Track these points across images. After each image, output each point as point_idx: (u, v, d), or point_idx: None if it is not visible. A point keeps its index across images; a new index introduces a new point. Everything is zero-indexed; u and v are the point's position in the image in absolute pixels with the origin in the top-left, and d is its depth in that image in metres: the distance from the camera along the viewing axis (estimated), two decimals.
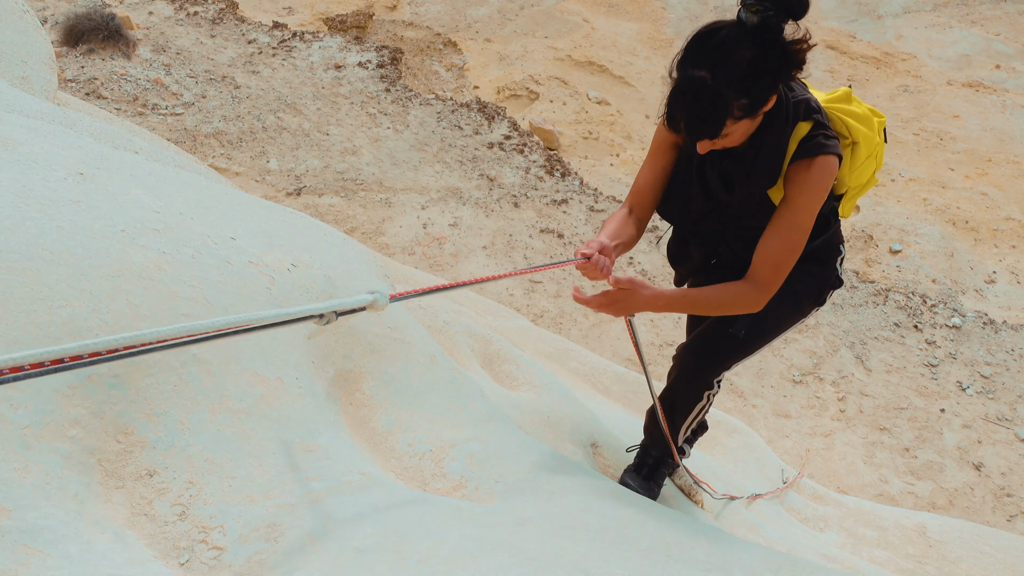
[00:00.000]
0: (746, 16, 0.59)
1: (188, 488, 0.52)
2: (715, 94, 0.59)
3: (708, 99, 0.59)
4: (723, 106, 0.59)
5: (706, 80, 0.59)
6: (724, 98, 0.59)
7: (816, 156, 0.65)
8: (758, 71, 0.59)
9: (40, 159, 0.67)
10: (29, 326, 0.51)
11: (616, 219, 0.73)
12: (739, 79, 0.59)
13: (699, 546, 0.56)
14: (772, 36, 0.59)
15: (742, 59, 0.58)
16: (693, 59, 0.60)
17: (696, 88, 0.59)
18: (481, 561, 0.48)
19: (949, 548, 1.39)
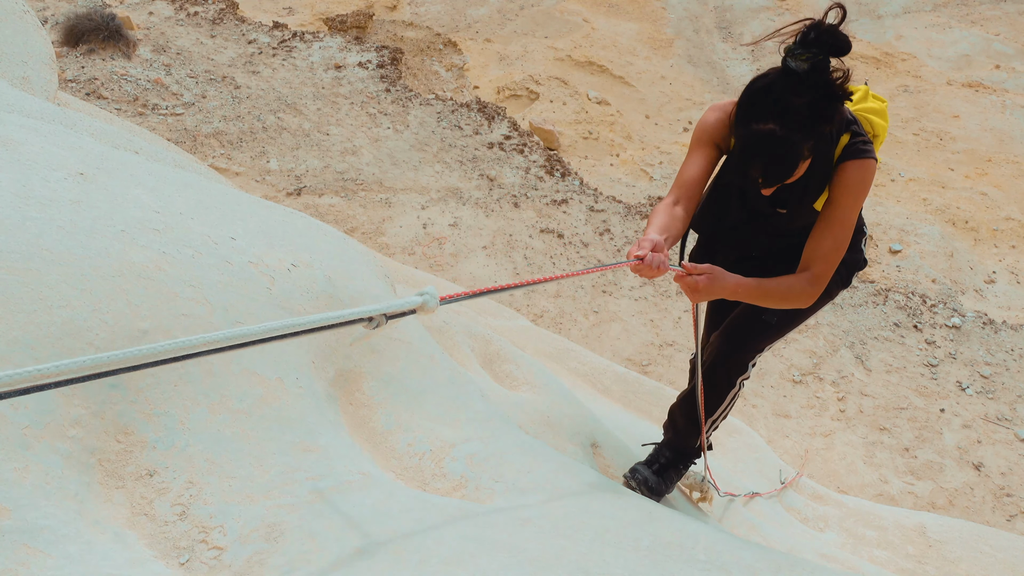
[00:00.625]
0: (796, 65, 0.63)
1: (188, 488, 0.52)
2: (787, 143, 0.63)
3: (781, 149, 0.64)
4: (795, 153, 0.64)
5: (775, 132, 0.63)
6: (795, 145, 0.64)
7: (858, 160, 0.70)
8: (818, 113, 0.64)
9: (40, 159, 0.67)
10: (29, 326, 0.51)
11: (663, 212, 0.74)
12: (803, 125, 0.63)
13: (699, 546, 0.56)
14: (823, 77, 0.63)
15: (802, 106, 0.63)
16: (756, 114, 0.64)
17: (768, 141, 0.64)
18: (481, 561, 0.48)
19: (949, 548, 1.39)
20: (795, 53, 0.63)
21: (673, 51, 5.98)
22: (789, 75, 0.64)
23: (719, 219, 0.81)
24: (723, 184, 0.80)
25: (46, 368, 0.28)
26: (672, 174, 4.57)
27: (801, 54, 0.62)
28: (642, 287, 3.18)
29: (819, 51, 0.62)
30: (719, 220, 0.81)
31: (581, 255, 3.29)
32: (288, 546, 0.50)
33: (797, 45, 0.63)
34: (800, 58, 0.63)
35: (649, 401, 1.70)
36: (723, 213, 0.80)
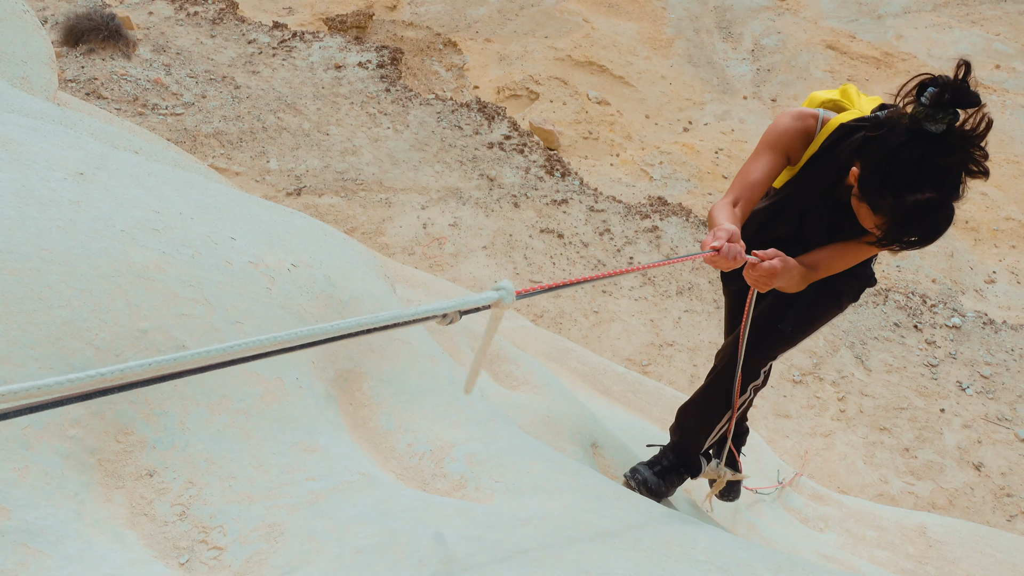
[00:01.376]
0: (935, 127, 0.62)
1: (188, 488, 0.52)
2: (946, 208, 0.63)
3: (942, 215, 0.64)
4: (952, 213, 0.64)
5: (934, 200, 0.63)
6: (951, 207, 0.64)
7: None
8: (967, 169, 0.63)
9: (40, 159, 0.67)
10: (29, 326, 0.51)
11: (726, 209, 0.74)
12: (957, 184, 0.63)
13: (699, 546, 0.56)
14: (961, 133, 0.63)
15: (953, 167, 0.62)
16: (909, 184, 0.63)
17: (931, 210, 0.63)
18: (481, 561, 0.48)
19: (949, 548, 1.39)
20: (935, 117, 0.62)
21: (673, 51, 5.98)
22: (932, 139, 0.62)
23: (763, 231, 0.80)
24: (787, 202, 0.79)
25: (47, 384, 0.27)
26: (672, 174, 4.57)
27: (942, 117, 0.62)
28: (642, 287, 3.18)
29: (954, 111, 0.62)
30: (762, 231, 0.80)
31: (581, 255, 3.29)
32: (288, 546, 0.50)
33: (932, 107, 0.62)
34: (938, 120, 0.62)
35: (649, 401, 1.70)
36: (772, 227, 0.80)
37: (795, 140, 0.76)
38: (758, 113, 5.53)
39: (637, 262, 3.39)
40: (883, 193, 0.65)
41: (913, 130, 0.63)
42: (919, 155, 0.63)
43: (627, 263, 3.35)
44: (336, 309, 0.75)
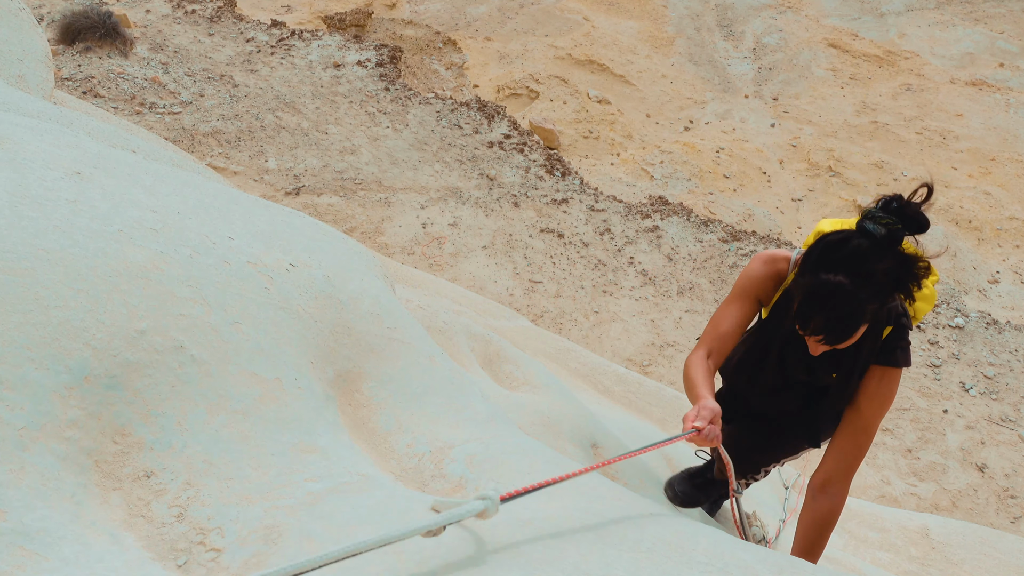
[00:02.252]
0: (874, 228, 0.61)
1: (186, 489, 0.51)
2: (854, 300, 0.60)
3: (847, 304, 0.60)
4: (861, 312, 0.61)
5: (845, 286, 0.60)
6: (861, 304, 0.60)
7: (888, 367, 0.69)
8: (893, 281, 0.61)
9: (36, 158, 0.67)
10: (25, 326, 0.51)
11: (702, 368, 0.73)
12: (877, 288, 0.60)
13: (700, 547, 0.56)
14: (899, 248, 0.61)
15: (879, 269, 0.60)
16: (828, 265, 0.61)
17: (836, 294, 0.60)
18: (481, 562, 0.47)
19: (952, 550, 1.39)
20: (875, 216, 0.61)
21: (674, 49, 5.96)
22: (867, 236, 0.61)
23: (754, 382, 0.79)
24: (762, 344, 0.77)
25: None
26: (673, 173, 4.55)
27: (882, 218, 0.61)
28: (643, 287, 3.17)
29: (899, 220, 0.61)
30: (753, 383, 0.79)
31: (581, 255, 3.28)
32: (287, 548, 0.49)
33: (879, 209, 0.61)
34: (880, 222, 0.61)
35: (650, 401, 1.70)
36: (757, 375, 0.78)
37: (766, 285, 0.74)
38: (759, 112, 5.51)
39: (637, 262, 3.37)
40: (804, 272, 0.63)
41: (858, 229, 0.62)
42: (849, 242, 0.62)
43: (627, 262, 3.34)
44: (335, 309, 0.75)
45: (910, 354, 0.71)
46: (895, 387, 0.71)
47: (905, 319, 0.71)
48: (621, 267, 3.28)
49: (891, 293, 0.62)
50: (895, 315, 0.70)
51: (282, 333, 0.66)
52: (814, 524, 0.73)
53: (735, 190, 4.59)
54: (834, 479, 0.72)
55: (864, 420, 0.71)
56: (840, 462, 0.72)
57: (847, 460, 0.71)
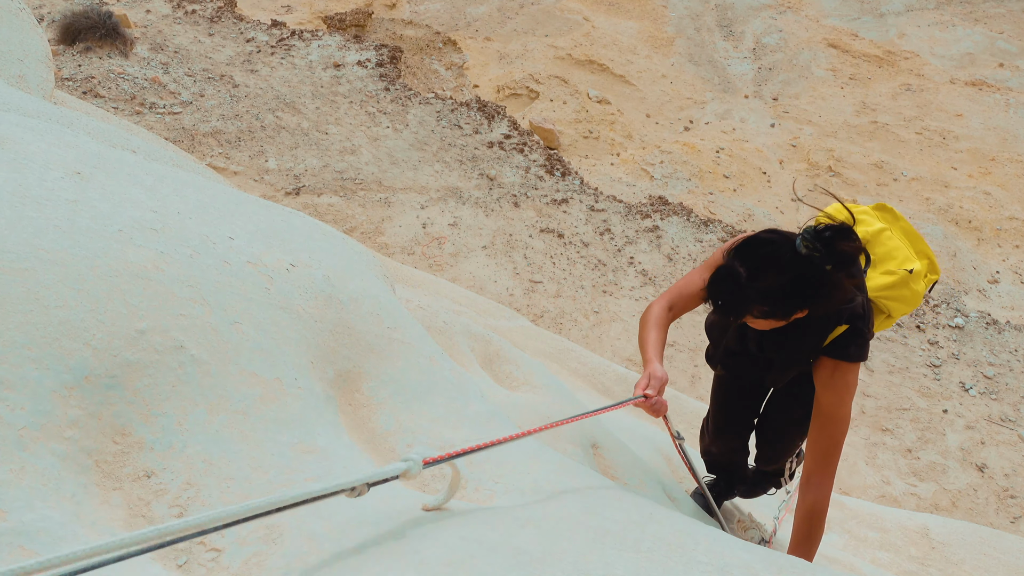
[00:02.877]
0: (799, 244, 0.67)
1: (186, 489, 0.52)
2: (741, 292, 0.68)
3: (734, 293, 0.68)
4: (745, 305, 0.69)
5: (740, 276, 0.68)
6: (747, 299, 0.68)
7: (840, 361, 0.73)
8: (784, 294, 0.67)
9: (37, 158, 0.67)
10: (26, 326, 0.51)
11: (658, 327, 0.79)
12: (764, 294, 0.67)
13: (700, 547, 0.56)
14: (812, 271, 0.67)
15: (775, 280, 0.67)
16: (742, 255, 0.69)
17: (730, 280, 0.68)
18: (481, 562, 0.47)
19: (952, 550, 1.39)
20: (806, 238, 0.66)
21: (674, 50, 5.96)
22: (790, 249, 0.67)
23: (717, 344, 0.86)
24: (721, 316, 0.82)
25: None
26: (673, 173, 4.55)
27: (808, 242, 0.66)
28: (643, 287, 3.17)
29: (822, 249, 0.65)
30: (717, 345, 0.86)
31: (581, 255, 3.28)
32: (287, 548, 0.49)
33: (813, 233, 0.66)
34: (805, 243, 0.66)
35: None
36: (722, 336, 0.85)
37: None
38: (759, 112, 5.52)
39: (637, 262, 3.37)
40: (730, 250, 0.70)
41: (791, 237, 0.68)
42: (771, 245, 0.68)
43: (627, 262, 3.34)
44: (335, 309, 0.75)
45: (866, 351, 0.75)
46: (851, 379, 0.74)
47: (862, 322, 0.74)
48: (621, 267, 3.28)
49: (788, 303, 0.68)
50: (849, 315, 0.73)
51: (282, 333, 0.66)
52: (805, 517, 0.78)
53: (735, 190, 4.59)
54: (814, 471, 0.77)
55: (825, 411, 0.75)
56: (816, 455, 0.77)
57: (822, 452, 0.76)
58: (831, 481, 0.77)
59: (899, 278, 0.79)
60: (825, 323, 0.73)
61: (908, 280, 0.80)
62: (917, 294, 0.81)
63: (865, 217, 0.83)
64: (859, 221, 0.82)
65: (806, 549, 0.79)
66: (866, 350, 0.75)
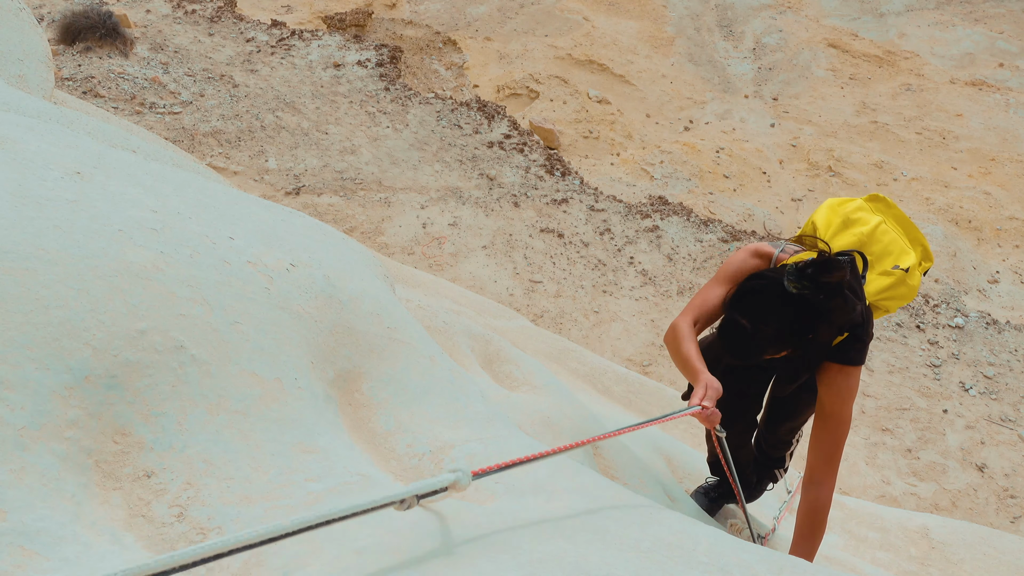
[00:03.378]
0: (787, 286, 0.74)
1: (186, 489, 0.52)
2: (751, 341, 0.75)
3: (745, 344, 0.76)
4: (758, 349, 0.76)
5: (746, 328, 0.76)
6: (760, 344, 0.75)
7: (843, 365, 0.80)
8: (792, 329, 0.74)
9: (37, 158, 0.67)
10: (26, 326, 0.51)
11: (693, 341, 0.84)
12: (772, 340, 0.75)
13: (700, 547, 0.56)
14: (808, 306, 0.74)
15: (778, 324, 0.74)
16: (741, 309, 0.77)
17: (738, 332, 0.76)
18: (481, 562, 0.48)
19: (952, 550, 1.39)
20: (791, 279, 0.73)
21: (674, 49, 5.96)
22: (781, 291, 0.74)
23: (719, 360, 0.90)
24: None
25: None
26: (673, 173, 4.55)
27: (795, 283, 0.73)
28: (643, 287, 3.17)
29: (811, 287, 0.72)
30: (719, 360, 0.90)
31: (581, 255, 3.28)
32: (286, 548, 0.49)
33: (797, 271, 0.73)
34: (793, 284, 0.73)
35: (650, 402, 1.70)
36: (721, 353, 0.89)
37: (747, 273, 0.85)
38: (759, 112, 5.52)
39: (637, 262, 3.37)
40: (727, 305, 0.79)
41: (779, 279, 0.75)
42: (763, 292, 0.75)
43: (627, 262, 3.34)
44: (335, 309, 0.75)
45: (864, 354, 0.82)
46: (853, 381, 0.81)
47: (862, 329, 0.80)
48: (621, 267, 3.28)
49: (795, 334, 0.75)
50: (849, 325, 0.79)
51: (282, 333, 0.66)
52: (807, 514, 0.83)
53: (735, 190, 4.59)
54: (817, 469, 0.83)
55: (828, 412, 0.81)
56: (819, 453, 0.82)
57: (824, 450, 0.82)
58: (834, 479, 0.81)
59: (896, 279, 0.84)
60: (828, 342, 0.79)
61: (904, 279, 0.84)
62: (913, 288, 0.85)
63: (861, 215, 0.86)
64: (855, 220, 0.85)
65: (809, 546, 0.82)
66: (865, 353, 0.81)
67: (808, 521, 0.82)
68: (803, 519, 0.83)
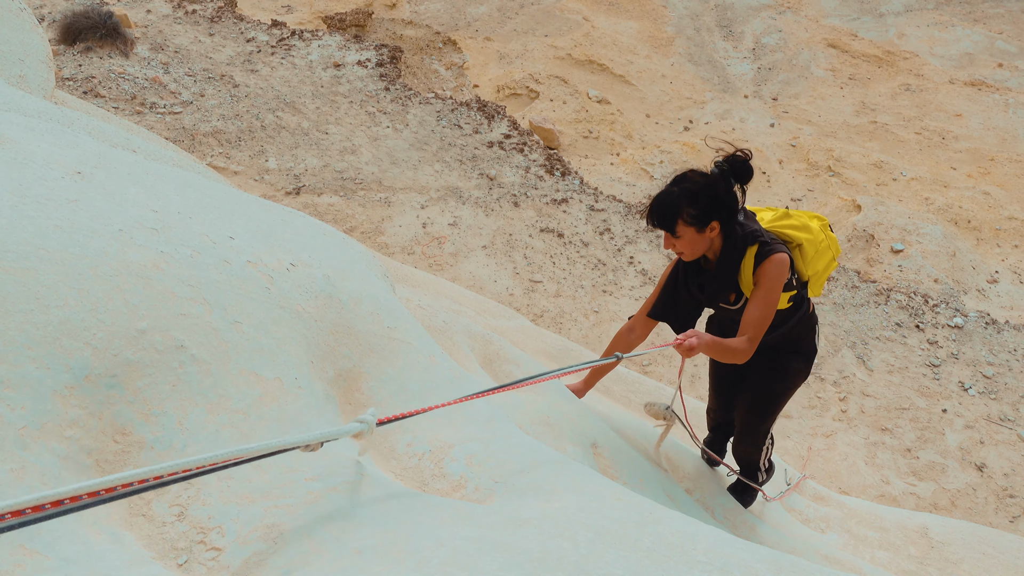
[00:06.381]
0: (713, 169, 1.01)
1: (186, 489, 0.52)
2: (674, 199, 0.99)
3: (667, 202, 0.99)
4: (676, 208, 0.99)
5: (671, 190, 1.00)
6: (678, 204, 0.99)
7: (768, 256, 1.02)
8: (703, 196, 0.99)
9: (37, 158, 0.67)
10: (26, 325, 0.51)
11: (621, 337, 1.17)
12: (688, 194, 0.99)
13: (700, 547, 0.56)
14: (720, 182, 1.00)
15: (694, 183, 1.00)
16: (672, 182, 1.01)
17: (663, 194, 1.01)
18: (481, 562, 0.48)
19: (951, 549, 1.39)
20: (717, 163, 1.00)
21: (674, 49, 5.97)
22: (706, 172, 1.00)
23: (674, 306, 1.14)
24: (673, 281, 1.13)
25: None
26: (673, 173, 4.54)
27: (717, 164, 1.00)
28: (643, 287, 3.18)
29: (726, 167, 1.00)
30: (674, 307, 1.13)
31: (581, 254, 3.29)
32: (286, 547, 0.49)
33: (721, 160, 1.00)
34: (715, 164, 1.00)
35: (649, 401, 1.70)
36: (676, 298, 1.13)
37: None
38: (759, 112, 5.52)
39: (637, 261, 3.38)
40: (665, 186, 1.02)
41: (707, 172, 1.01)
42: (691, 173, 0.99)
43: (627, 262, 3.35)
44: (335, 309, 0.75)
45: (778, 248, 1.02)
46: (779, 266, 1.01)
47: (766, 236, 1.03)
48: (621, 267, 3.29)
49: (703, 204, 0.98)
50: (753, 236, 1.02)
51: (282, 333, 0.66)
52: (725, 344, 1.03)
53: None
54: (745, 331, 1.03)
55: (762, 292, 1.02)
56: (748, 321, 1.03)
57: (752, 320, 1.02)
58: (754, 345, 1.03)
59: (781, 211, 1.08)
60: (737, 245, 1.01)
61: (788, 213, 1.08)
62: (810, 228, 1.07)
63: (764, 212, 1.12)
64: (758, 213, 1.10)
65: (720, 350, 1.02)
66: (782, 247, 1.02)
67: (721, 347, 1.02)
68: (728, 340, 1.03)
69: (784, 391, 1.17)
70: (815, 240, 1.07)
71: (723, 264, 1.02)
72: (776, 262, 1.00)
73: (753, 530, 1.18)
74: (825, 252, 1.08)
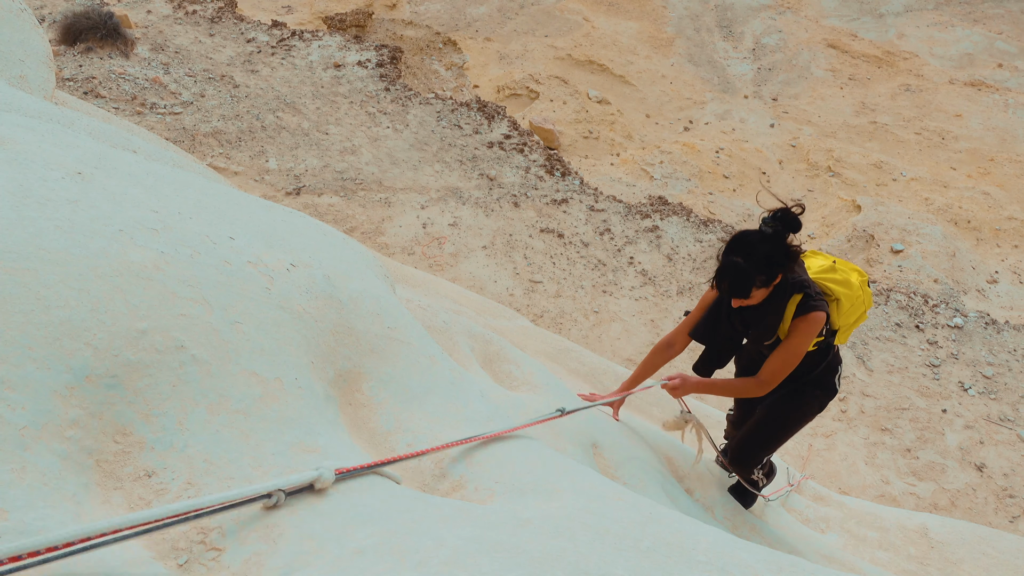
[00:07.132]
0: (764, 228, 1.03)
1: (187, 489, 0.52)
2: (745, 272, 1.03)
3: (741, 274, 1.03)
4: (750, 279, 1.03)
5: (740, 264, 1.03)
6: (750, 275, 1.03)
7: (807, 313, 1.08)
8: (770, 260, 1.03)
9: (38, 158, 0.67)
10: (27, 326, 0.51)
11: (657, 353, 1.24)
12: (758, 263, 1.02)
13: (700, 547, 0.56)
14: (779, 239, 1.03)
15: (762, 253, 1.03)
16: (731, 250, 1.04)
17: (733, 268, 1.03)
18: (481, 562, 0.48)
19: (951, 549, 1.39)
20: (766, 221, 1.03)
21: (674, 50, 5.97)
22: (760, 234, 1.03)
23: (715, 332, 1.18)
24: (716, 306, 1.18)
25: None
26: (672, 173, 4.56)
27: (769, 223, 1.02)
28: (643, 287, 3.18)
29: (780, 225, 1.02)
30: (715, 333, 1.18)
31: (581, 255, 3.29)
32: (287, 547, 0.49)
33: (770, 217, 1.02)
34: (768, 225, 1.02)
35: (649, 402, 1.70)
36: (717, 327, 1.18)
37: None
38: (759, 112, 5.53)
39: (637, 262, 3.38)
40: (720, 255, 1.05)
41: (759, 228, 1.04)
42: (746, 237, 1.03)
43: (627, 262, 3.35)
44: (336, 309, 0.75)
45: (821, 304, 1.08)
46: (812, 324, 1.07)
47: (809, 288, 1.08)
48: (621, 267, 3.29)
49: (773, 265, 1.02)
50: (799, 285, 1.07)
51: (283, 333, 0.66)
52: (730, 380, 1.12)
53: (735, 190, 4.60)
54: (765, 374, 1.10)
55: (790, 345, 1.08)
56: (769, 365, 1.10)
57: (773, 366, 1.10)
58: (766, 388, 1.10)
59: (828, 263, 1.14)
60: (783, 293, 1.07)
61: (836, 266, 1.13)
62: (851, 283, 1.12)
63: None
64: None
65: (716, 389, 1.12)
66: (822, 303, 1.08)
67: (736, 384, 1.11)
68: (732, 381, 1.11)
69: (798, 419, 1.21)
70: (852, 296, 1.12)
71: (768, 307, 1.07)
72: (812, 320, 1.06)
73: (753, 530, 1.18)
74: (859, 307, 1.14)
